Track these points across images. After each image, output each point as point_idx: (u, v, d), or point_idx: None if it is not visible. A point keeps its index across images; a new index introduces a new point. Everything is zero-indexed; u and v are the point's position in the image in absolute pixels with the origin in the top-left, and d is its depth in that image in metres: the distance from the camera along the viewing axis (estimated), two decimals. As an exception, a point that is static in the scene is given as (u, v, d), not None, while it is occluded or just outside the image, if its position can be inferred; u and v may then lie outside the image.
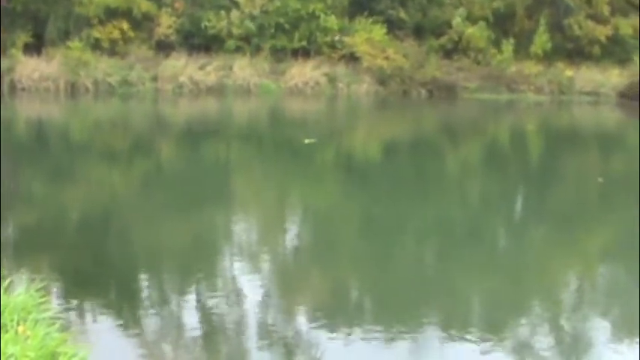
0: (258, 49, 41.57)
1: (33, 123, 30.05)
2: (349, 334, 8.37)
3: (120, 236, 12.78)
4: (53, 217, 14.08)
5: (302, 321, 8.80)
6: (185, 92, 39.35)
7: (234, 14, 41.60)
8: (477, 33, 41.33)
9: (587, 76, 41.08)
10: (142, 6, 40.91)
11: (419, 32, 42.80)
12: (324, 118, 34.29)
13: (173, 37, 41.81)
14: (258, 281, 10.33)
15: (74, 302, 9.11)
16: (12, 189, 15.04)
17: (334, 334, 8.39)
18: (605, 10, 41.47)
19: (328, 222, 14.48)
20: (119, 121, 31.45)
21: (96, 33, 40.38)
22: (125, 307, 9.12)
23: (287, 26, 41.73)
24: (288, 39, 41.84)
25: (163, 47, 41.36)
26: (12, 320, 6.41)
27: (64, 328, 7.16)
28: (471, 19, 41.86)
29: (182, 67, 39.94)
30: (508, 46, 41.26)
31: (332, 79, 41.06)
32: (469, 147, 26.16)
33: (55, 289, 9.45)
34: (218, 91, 39.70)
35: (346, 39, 41.26)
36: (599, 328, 8.95)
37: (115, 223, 13.71)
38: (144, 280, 10.49)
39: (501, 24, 42.85)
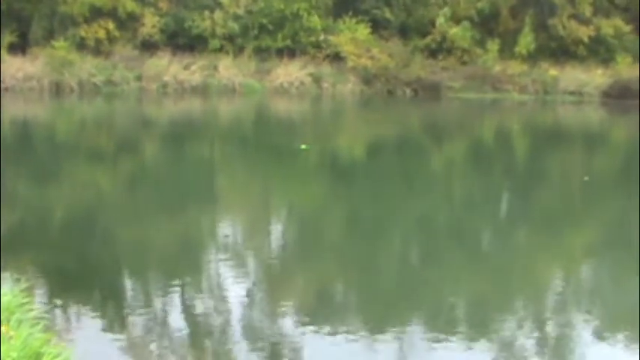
0: (241, 49, 41.57)
1: (17, 123, 29.82)
2: (335, 334, 8.34)
3: (104, 236, 12.71)
4: (37, 216, 13.98)
5: (288, 321, 8.77)
6: (169, 92, 39.23)
7: (218, 14, 41.59)
8: (460, 33, 41.47)
9: (571, 76, 41.28)
10: (126, 5, 40.81)
11: (404, 32, 42.90)
12: (309, 118, 34.25)
13: (157, 37, 41.76)
14: (243, 281, 10.29)
15: (58, 302, 9.04)
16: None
17: (320, 334, 8.37)
18: (588, 10, 41.71)
19: (313, 222, 14.46)
20: (104, 120, 31.31)
21: (81, 32, 40.26)
22: (109, 307, 9.06)
23: (271, 26, 41.74)
24: (271, 39, 41.85)
25: (148, 47, 41.29)
26: (-4, 320, 6.36)
27: (48, 328, 7.11)
28: (455, 18, 41.98)
29: (166, 66, 39.84)
30: (493, 45, 41.44)
31: (317, 79, 41.08)
32: (455, 146, 26.19)
33: (39, 289, 9.38)
34: (202, 90, 39.61)
35: (331, 39, 41.29)
36: (586, 327, 8.96)
37: (99, 223, 13.63)
38: (128, 280, 10.42)
39: (486, 24, 43.03)
